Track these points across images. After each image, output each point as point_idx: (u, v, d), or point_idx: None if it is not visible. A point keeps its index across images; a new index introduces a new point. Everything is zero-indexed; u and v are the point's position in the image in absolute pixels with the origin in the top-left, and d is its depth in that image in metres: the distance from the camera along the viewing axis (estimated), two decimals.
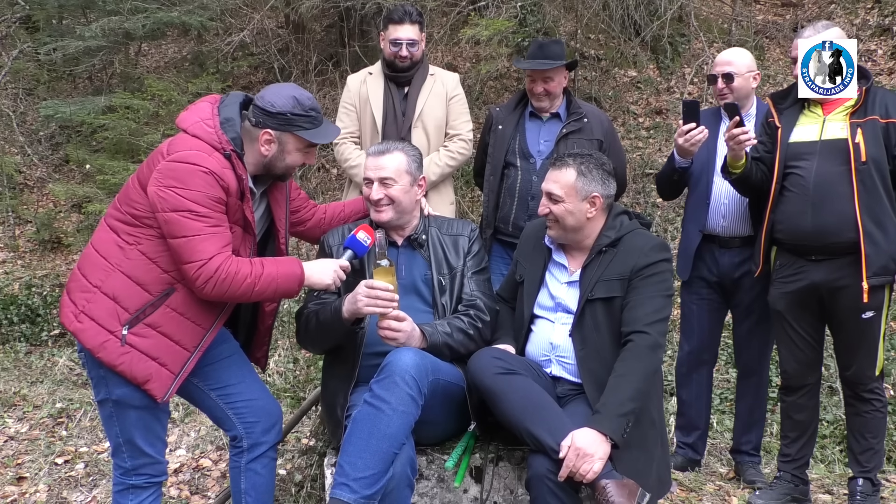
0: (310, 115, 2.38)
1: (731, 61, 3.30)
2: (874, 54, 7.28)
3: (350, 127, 3.69)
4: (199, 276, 2.20)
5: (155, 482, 2.43)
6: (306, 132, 2.37)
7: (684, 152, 3.19)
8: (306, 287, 2.43)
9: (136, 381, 2.26)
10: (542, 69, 3.41)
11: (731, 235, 3.30)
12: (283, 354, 5.36)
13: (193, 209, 2.20)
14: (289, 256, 2.43)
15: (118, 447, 2.38)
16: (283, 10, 7.64)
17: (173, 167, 2.22)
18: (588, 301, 2.46)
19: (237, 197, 2.30)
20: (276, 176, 2.47)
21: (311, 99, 2.41)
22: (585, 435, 2.18)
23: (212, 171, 2.22)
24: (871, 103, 2.89)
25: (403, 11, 3.57)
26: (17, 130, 8.04)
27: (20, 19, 8.89)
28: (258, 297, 2.30)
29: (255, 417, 2.51)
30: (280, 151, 2.38)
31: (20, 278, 6.68)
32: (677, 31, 7.69)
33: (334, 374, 2.62)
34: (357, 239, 2.49)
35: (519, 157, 3.48)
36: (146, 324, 2.26)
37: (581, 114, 3.49)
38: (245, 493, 2.53)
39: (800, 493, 3.14)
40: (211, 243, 2.21)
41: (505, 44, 7.03)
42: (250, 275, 2.24)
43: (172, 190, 2.20)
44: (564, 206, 2.51)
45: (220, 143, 2.28)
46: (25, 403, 4.53)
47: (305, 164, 2.50)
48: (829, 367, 4.29)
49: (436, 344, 2.46)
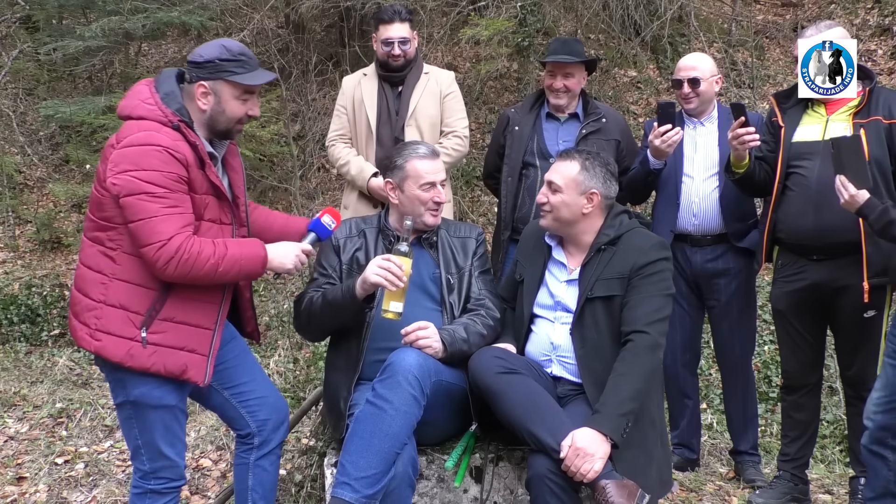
0: (239, 59, 2.30)
1: (695, 66, 3.31)
2: (874, 54, 7.28)
3: (341, 129, 3.71)
4: (159, 258, 2.15)
5: (173, 487, 2.41)
6: (238, 76, 2.28)
7: (659, 154, 3.20)
8: (269, 271, 2.39)
9: (172, 374, 2.25)
10: (564, 63, 3.42)
11: (703, 234, 3.30)
12: (283, 354, 5.36)
13: (149, 190, 2.15)
14: (251, 238, 2.37)
15: (137, 450, 2.36)
16: (283, 10, 7.65)
17: (124, 152, 2.19)
18: (588, 300, 2.46)
19: (197, 166, 2.25)
20: (222, 133, 2.37)
21: (240, 45, 2.35)
22: (585, 434, 2.18)
23: (164, 146, 2.17)
24: (875, 104, 2.89)
25: (393, 10, 3.57)
26: (17, 130, 8.04)
27: (20, 19, 8.89)
28: (221, 278, 2.25)
29: (267, 415, 2.52)
30: (217, 103, 2.30)
31: (20, 278, 6.69)
32: (677, 31, 7.70)
33: (337, 367, 2.61)
34: (321, 222, 2.47)
35: (538, 158, 3.46)
36: (161, 319, 2.25)
37: (599, 114, 3.49)
38: (252, 490, 2.54)
39: (800, 493, 3.14)
40: (169, 224, 2.16)
41: (505, 44, 7.03)
42: (213, 255, 2.20)
43: (127, 174, 2.16)
44: (561, 197, 2.51)
45: (165, 117, 2.23)
46: (25, 403, 4.53)
47: (249, 117, 2.37)
48: (829, 367, 4.30)
49: (454, 354, 2.46)
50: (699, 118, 3.37)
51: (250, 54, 2.35)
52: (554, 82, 3.44)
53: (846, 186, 2.62)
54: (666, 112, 3.13)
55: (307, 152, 7.46)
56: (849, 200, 2.62)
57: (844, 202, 2.64)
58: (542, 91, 3.57)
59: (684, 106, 3.37)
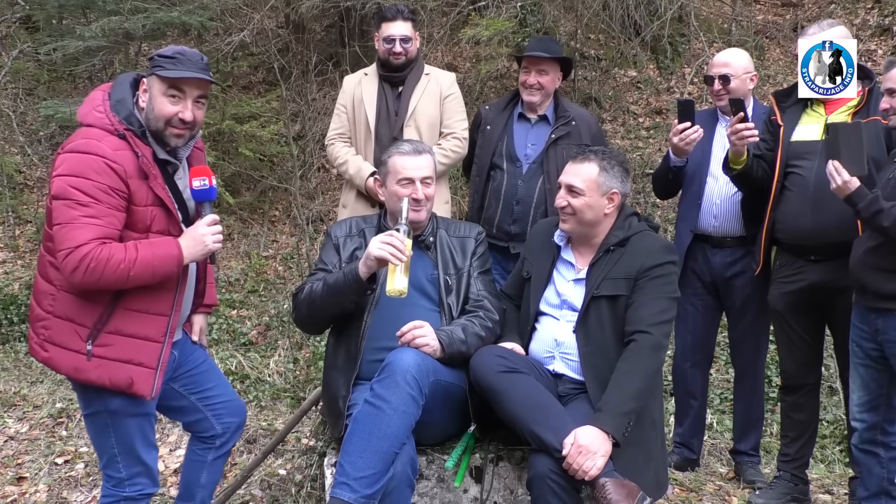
0: (174, 57, 2.23)
1: (728, 62, 3.29)
2: (874, 54, 7.28)
3: (340, 128, 3.71)
4: (66, 265, 2.11)
5: (148, 493, 2.42)
6: (164, 71, 2.22)
7: (679, 151, 3.20)
8: (189, 262, 2.30)
9: (118, 388, 2.23)
10: (539, 58, 3.44)
11: (723, 235, 3.29)
12: (283, 354, 5.36)
13: (75, 197, 2.12)
14: (166, 237, 2.26)
15: (113, 458, 2.35)
16: (283, 10, 7.64)
17: (64, 158, 2.18)
18: (593, 298, 2.47)
19: (140, 178, 2.20)
20: (155, 134, 2.26)
21: (184, 48, 2.29)
22: (588, 432, 2.19)
23: (101, 155, 2.14)
24: (874, 103, 2.89)
25: (396, 9, 3.59)
26: (17, 130, 8.02)
27: (20, 19, 8.89)
28: (135, 282, 2.18)
29: (231, 417, 2.59)
30: (149, 100, 2.25)
31: (20, 278, 6.68)
32: (677, 31, 7.69)
33: (336, 367, 2.62)
34: (197, 190, 2.30)
35: (505, 160, 3.50)
36: (108, 332, 2.22)
37: (569, 117, 3.50)
38: (202, 487, 2.62)
39: (800, 493, 3.14)
40: (82, 232, 2.11)
41: (505, 44, 7.03)
42: (123, 261, 2.13)
43: (60, 178, 2.15)
44: (584, 200, 2.51)
45: (112, 126, 2.21)
46: (25, 403, 4.53)
47: (182, 121, 2.24)
48: (829, 367, 4.29)
49: (452, 355, 2.46)
50: (731, 116, 3.35)
51: (187, 54, 2.27)
52: (528, 78, 3.47)
53: (840, 171, 2.59)
54: (685, 110, 3.12)
55: (307, 152, 7.45)
56: (840, 186, 2.60)
57: (836, 187, 2.62)
58: (518, 91, 3.59)
59: (716, 103, 3.35)
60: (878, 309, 2.61)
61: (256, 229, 7.15)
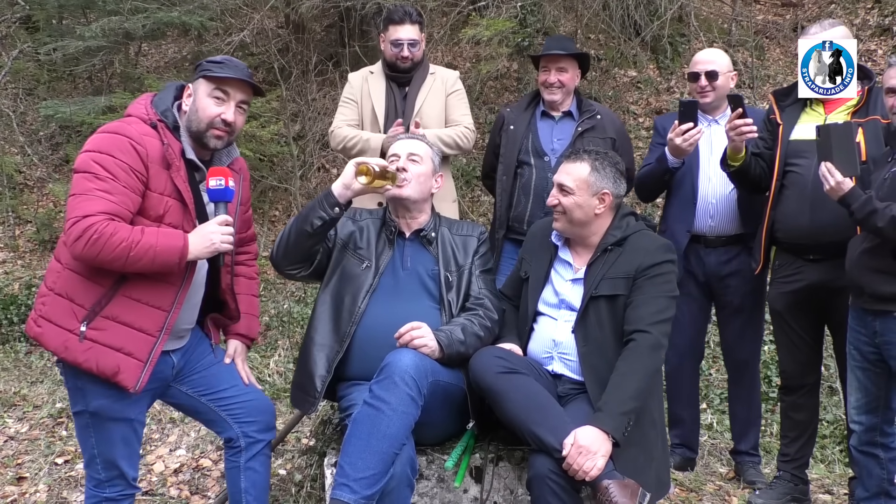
0: (222, 62, 2.35)
1: (713, 60, 3.32)
2: (874, 54, 7.28)
3: (348, 118, 3.65)
4: (70, 234, 2.11)
5: (128, 494, 2.41)
6: (212, 72, 2.32)
7: (679, 152, 3.18)
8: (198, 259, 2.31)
9: (104, 375, 2.21)
10: (557, 56, 3.46)
11: (718, 235, 3.30)
12: (283, 354, 5.36)
13: (94, 170, 2.16)
14: (176, 230, 2.25)
15: (93, 458, 2.34)
16: (283, 10, 7.65)
17: (94, 136, 2.24)
18: (592, 298, 2.47)
19: (162, 165, 2.23)
20: (196, 136, 2.32)
21: (231, 58, 2.41)
22: (588, 433, 2.18)
23: (127, 136, 2.19)
24: (874, 103, 2.89)
25: (404, 12, 3.57)
26: (17, 130, 8.04)
27: (20, 19, 8.90)
28: (133, 264, 2.16)
29: (252, 417, 2.52)
30: (194, 101, 2.33)
31: (20, 278, 6.68)
32: (677, 31, 7.70)
33: (320, 343, 2.58)
34: (213, 190, 2.31)
35: (533, 156, 3.49)
36: (104, 316, 2.21)
37: (594, 111, 3.52)
38: (245, 492, 2.53)
39: (800, 493, 3.14)
40: (92, 203, 2.12)
41: (505, 44, 7.03)
42: (126, 240, 2.13)
43: (85, 154, 2.20)
44: (574, 199, 2.52)
45: (147, 116, 2.28)
46: (25, 403, 4.53)
47: (224, 122, 2.32)
48: (829, 367, 4.29)
49: (451, 356, 2.46)
50: (713, 115, 3.35)
51: (238, 64, 2.38)
52: (548, 77, 3.48)
53: (832, 173, 2.58)
54: (688, 110, 3.11)
55: (307, 152, 7.46)
56: (833, 187, 2.59)
57: (829, 189, 2.61)
58: (538, 91, 3.60)
59: (700, 100, 3.35)
60: (875, 311, 2.60)
61: (256, 229, 7.14)
